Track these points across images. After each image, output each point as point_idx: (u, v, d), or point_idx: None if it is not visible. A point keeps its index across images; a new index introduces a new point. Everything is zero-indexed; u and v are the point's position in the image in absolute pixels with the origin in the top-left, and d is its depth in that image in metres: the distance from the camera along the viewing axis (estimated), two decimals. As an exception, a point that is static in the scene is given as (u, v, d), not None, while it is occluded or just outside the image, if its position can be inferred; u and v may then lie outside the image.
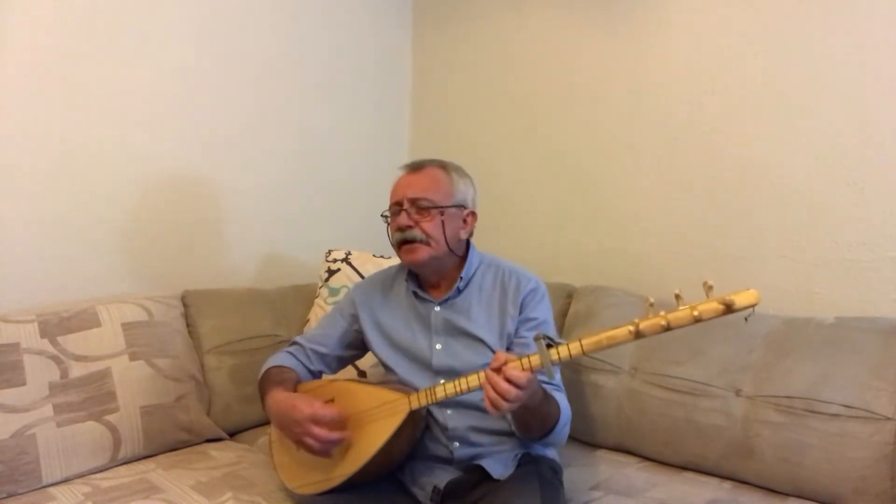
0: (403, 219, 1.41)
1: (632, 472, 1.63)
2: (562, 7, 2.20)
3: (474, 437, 1.41)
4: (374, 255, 2.09)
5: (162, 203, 1.97)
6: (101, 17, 1.80)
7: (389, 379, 1.50)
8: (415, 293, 1.50)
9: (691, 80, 1.93)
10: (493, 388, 1.12)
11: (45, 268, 1.76)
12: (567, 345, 1.14)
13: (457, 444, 1.41)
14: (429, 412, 1.41)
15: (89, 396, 1.56)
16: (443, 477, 1.38)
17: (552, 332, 1.47)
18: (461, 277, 1.47)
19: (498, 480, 1.32)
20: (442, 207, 1.42)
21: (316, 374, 1.55)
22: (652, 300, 1.09)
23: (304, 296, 2.11)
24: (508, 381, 1.12)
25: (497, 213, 2.33)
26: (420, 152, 2.62)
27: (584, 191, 2.19)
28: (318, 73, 2.33)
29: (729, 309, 1.03)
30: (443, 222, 1.42)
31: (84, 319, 1.64)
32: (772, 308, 1.76)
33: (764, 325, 1.65)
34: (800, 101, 1.75)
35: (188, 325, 1.86)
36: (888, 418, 1.42)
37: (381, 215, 1.49)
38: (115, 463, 1.59)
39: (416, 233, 1.40)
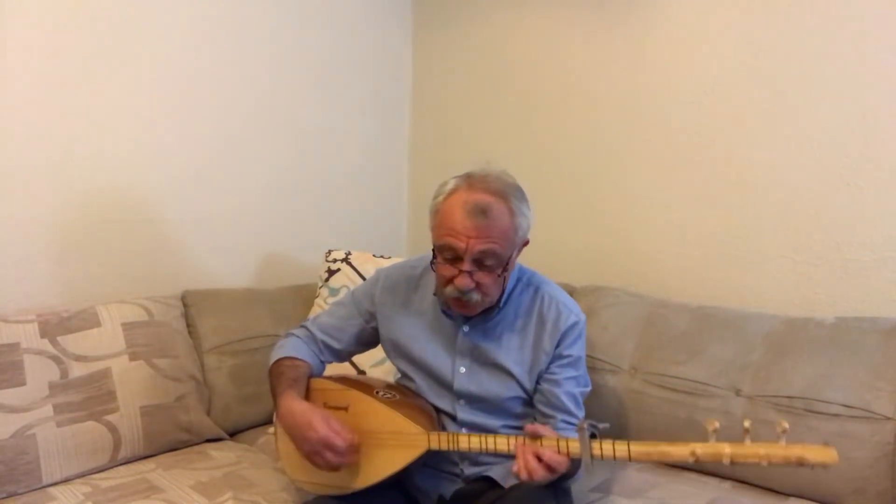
0: (466, 282, 1.24)
1: (632, 472, 1.63)
2: (561, 7, 2.20)
3: (485, 458, 1.37)
4: (373, 256, 2.09)
5: (162, 203, 1.97)
6: (101, 17, 1.79)
7: (408, 388, 1.44)
8: (442, 310, 1.39)
9: (691, 80, 1.93)
10: (528, 472, 1.08)
11: (45, 268, 1.76)
12: (613, 444, 1.08)
13: (467, 462, 1.38)
14: (443, 428, 1.38)
15: (89, 396, 1.56)
16: (448, 487, 1.36)
17: (583, 368, 1.40)
18: (499, 307, 1.35)
19: (504, 488, 1.29)
20: (506, 262, 1.28)
21: (325, 363, 1.50)
22: (717, 424, 1.03)
23: (304, 296, 2.10)
24: (541, 460, 1.08)
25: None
26: (420, 152, 2.63)
27: (584, 191, 2.19)
28: (318, 73, 2.33)
29: (800, 464, 0.99)
30: (504, 278, 1.30)
31: (84, 319, 1.64)
32: (772, 308, 1.76)
33: (764, 325, 1.65)
34: (799, 102, 1.75)
35: (188, 325, 1.86)
36: (888, 418, 1.42)
37: (432, 254, 1.31)
38: (115, 463, 1.59)
39: (475, 295, 1.26)
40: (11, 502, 1.40)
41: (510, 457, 1.26)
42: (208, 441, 1.75)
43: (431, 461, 1.39)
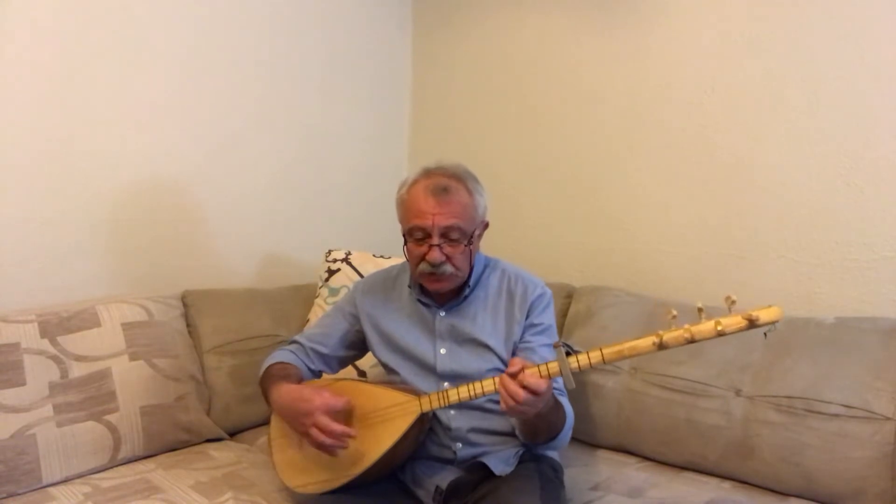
0: (436, 255, 1.35)
1: (632, 472, 1.63)
2: (562, 7, 2.20)
3: (476, 437, 1.41)
4: (374, 255, 2.09)
5: (162, 203, 1.97)
6: (101, 17, 1.80)
7: (393, 379, 1.49)
8: (418, 299, 1.48)
9: (691, 80, 1.93)
10: (511, 396, 1.12)
11: (45, 268, 1.76)
12: (587, 353, 1.14)
13: (459, 444, 1.41)
14: (433, 415, 1.40)
15: (89, 396, 1.56)
16: (445, 476, 1.37)
17: (556, 338, 1.46)
18: (468, 286, 1.45)
19: (499, 477, 1.32)
20: (470, 236, 1.39)
21: (316, 374, 1.55)
22: (674, 312, 1.09)
23: (304, 296, 2.11)
24: (526, 388, 1.11)
25: (497, 213, 2.30)
26: (420, 152, 2.62)
27: (584, 191, 2.19)
28: (318, 74, 2.33)
29: (752, 324, 1.04)
30: (470, 251, 1.40)
31: (84, 319, 1.64)
32: (772, 308, 1.76)
33: (764, 325, 1.65)
34: (799, 101, 1.75)
35: (188, 325, 1.86)
36: (888, 418, 1.42)
37: (403, 237, 1.41)
38: (115, 463, 1.59)
39: (448, 267, 1.37)
40: (11, 502, 1.40)
41: (504, 433, 1.36)
42: (208, 441, 1.75)
43: (424, 450, 1.42)
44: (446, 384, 1.41)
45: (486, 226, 1.47)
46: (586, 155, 2.18)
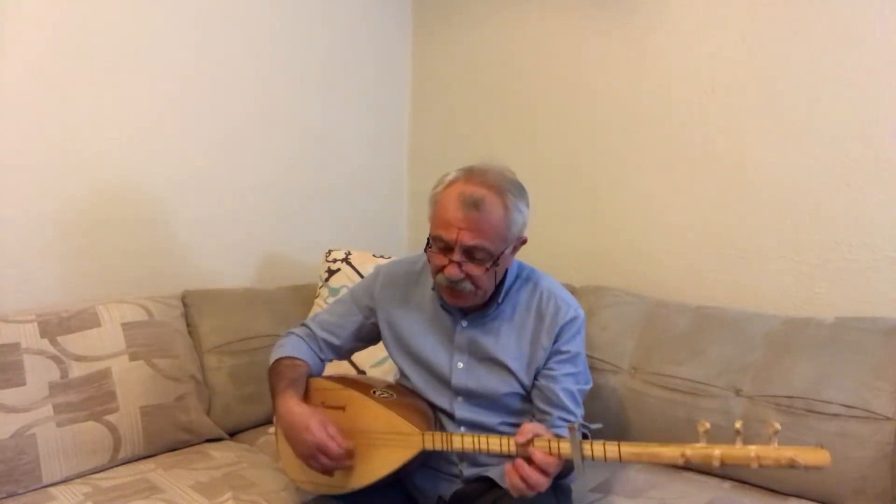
0: (454, 272, 1.25)
1: (632, 472, 1.63)
2: (562, 7, 2.20)
3: (484, 458, 1.36)
4: (373, 256, 2.09)
5: (162, 203, 1.97)
6: (100, 16, 1.79)
7: (404, 388, 1.44)
8: (441, 305, 1.39)
9: (691, 79, 1.93)
10: (521, 477, 1.07)
11: (45, 268, 1.76)
12: (604, 445, 1.07)
13: (466, 464, 1.38)
14: (441, 427, 1.37)
15: (89, 396, 1.56)
16: (448, 488, 1.36)
17: (583, 365, 1.39)
18: (497, 303, 1.35)
19: (503, 488, 1.29)
20: (497, 256, 1.27)
21: (326, 361, 1.51)
22: (707, 426, 1.02)
23: (304, 296, 2.10)
24: (532, 462, 1.07)
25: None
26: (420, 152, 2.63)
27: (584, 191, 2.19)
28: (318, 73, 2.33)
29: (792, 466, 0.98)
30: (495, 272, 1.29)
31: (84, 319, 1.64)
32: (772, 308, 1.76)
33: (764, 325, 1.65)
34: (799, 101, 1.75)
35: (188, 325, 1.86)
36: (888, 418, 1.42)
37: (427, 242, 1.31)
38: (115, 463, 1.59)
39: (467, 284, 1.27)
40: (11, 502, 1.40)
41: (504, 456, 1.25)
42: (208, 441, 1.75)
43: (431, 462, 1.38)
44: (460, 398, 1.37)
45: (523, 242, 1.35)
46: (586, 155, 2.17)
